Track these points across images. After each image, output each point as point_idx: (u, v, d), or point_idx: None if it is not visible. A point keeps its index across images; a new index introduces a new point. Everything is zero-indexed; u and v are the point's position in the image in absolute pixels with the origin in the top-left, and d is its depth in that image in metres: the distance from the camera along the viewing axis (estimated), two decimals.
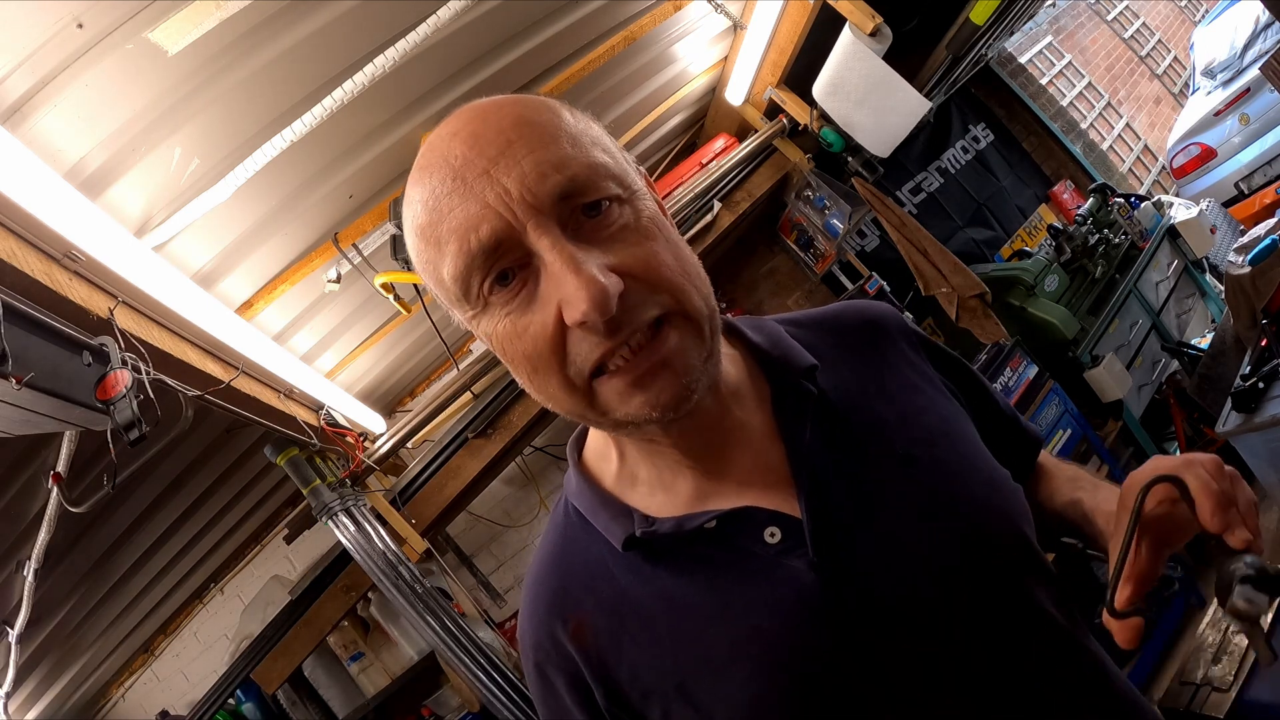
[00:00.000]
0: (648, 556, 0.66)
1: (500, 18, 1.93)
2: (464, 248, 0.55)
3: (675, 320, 0.57)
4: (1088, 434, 2.90)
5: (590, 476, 0.72)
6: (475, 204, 0.54)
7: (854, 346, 0.76)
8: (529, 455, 3.49)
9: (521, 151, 0.55)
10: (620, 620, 0.66)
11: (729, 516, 0.64)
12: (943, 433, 0.71)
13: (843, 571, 0.62)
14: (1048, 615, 0.66)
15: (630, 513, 0.67)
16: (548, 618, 0.69)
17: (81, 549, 2.36)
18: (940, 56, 3.07)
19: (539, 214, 0.54)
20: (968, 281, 3.03)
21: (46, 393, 1.16)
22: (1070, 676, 0.66)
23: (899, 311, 0.81)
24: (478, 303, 0.58)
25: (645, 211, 0.59)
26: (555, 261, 0.54)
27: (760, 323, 0.76)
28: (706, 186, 2.99)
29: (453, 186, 0.55)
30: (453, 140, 0.56)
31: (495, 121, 0.56)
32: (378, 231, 2.14)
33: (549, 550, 0.73)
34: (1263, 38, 4.64)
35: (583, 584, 0.69)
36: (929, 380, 0.76)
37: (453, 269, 0.56)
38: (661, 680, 0.64)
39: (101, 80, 1.29)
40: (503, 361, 0.62)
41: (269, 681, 2.58)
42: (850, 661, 0.61)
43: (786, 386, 0.69)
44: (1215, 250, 3.84)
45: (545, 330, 0.56)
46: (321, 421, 2.35)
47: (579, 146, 0.57)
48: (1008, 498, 0.69)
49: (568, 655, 0.67)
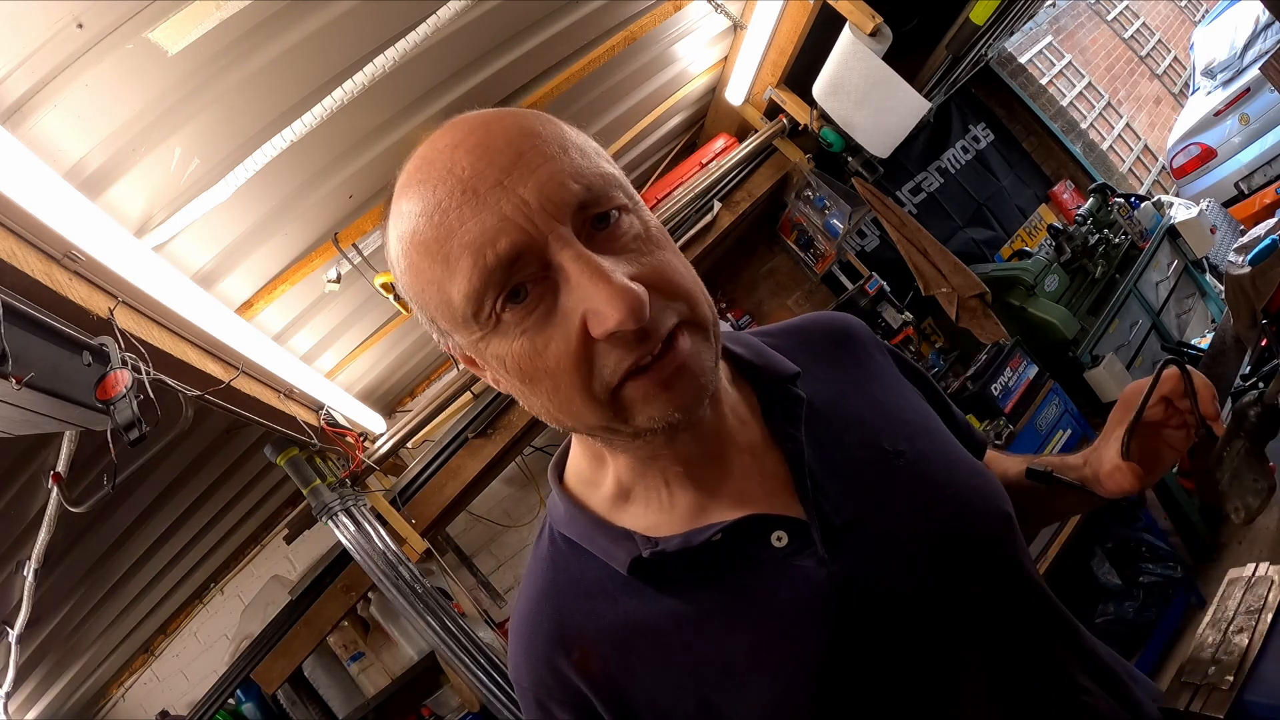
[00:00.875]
0: (652, 577, 0.65)
1: (500, 18, 1.93)
2: (480, 263, 0.52)
3: (689, 327, 0.57)
4: (1088, 434, 2.89)
5: (577, 501, 0.71)
6: (491, 216, 0.52)
7: (826, 352, 0.77)
8: (529, 455, 3.49)
9: (535, 162, 0.53)
10: (628, 645, 0.64)
11: (734, 527, 0.63)
12: (921, 427, 0.74)
13: (851, 566, 0.63)
14: (1036, 584, 0.72)
15: (630, 535, 0.66)
16: (548, 650, 0.66)
17: (81, 549, 2.36)
18: (940, 56, 3.07)
19: (559, 224, 0.53)
20: (968, 281, 3.03)
21: (46, 393, 1.16)
22: (1059, 633, 0.73)
23: (862, 320, 0.85)
24: (489, 322, 0.55)
25: (651, 221, 0.59)
26: (581, 273, 0.52)
27: (737, 336, 0.76)
28: (706, 186, 2.99)
29: (462, 199, 0.52)
30: (455, 151, 0.54)
31: (501, 133, 0.55)
32: (378, 231, 2.14)
33: (540, 582, 0.70)
34: (1263, 38, 4.64)
35: (583, 612, 0.66)
36: (898, 380, 0.79)
37: (466, 286, 0.53)
38: (681, 699, 0.63)
39: (101, 80, 1.29)
40: (507, 385, 0.60)
41: (269, 681, 2.58)
42: (867, 652, 0.62)
43: (775, 394, 0.70)
44: (1215, 250, 3.84)
45: (569, 345, 0.54)
46: (321, 421, 2.35)
47: (587, 157, 0.56)
48: (988, 482, 0.72)
49: (574, 688, 0.65)
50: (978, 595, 0.66)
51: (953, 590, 0.65)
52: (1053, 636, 0.72)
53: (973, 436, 0.87)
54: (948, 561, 0.65)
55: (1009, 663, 0.66)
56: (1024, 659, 0.68)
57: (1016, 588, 0.70)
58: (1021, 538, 0.73)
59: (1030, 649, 0.69)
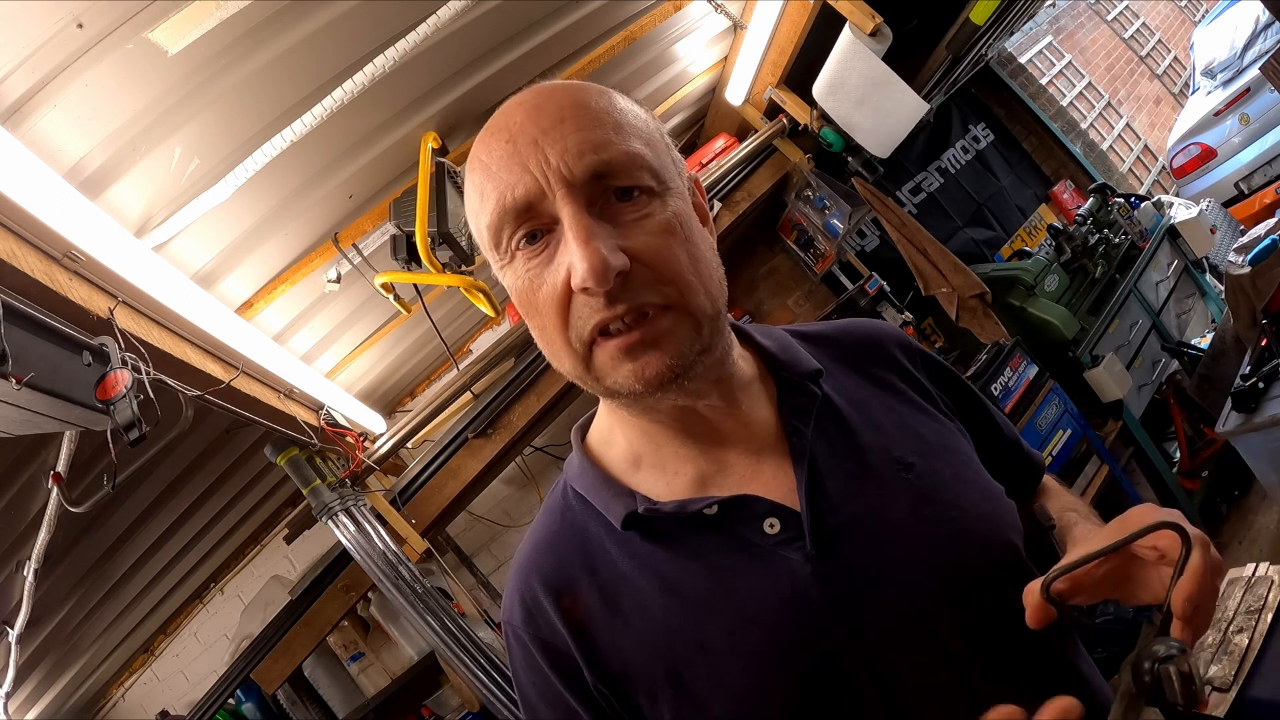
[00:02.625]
0: (646, 538, 0.67)
1: (500, 18, 1.93)
2: (500, 203, 0.61)
3: (674, 312, 0.61)
4: (1088, 434, 2.90)
5: (593, 458, 0.74)
6: (518, 167, 0.60)
7: (857, 360, 0.78)
8: (529, 455, 3.49)
9: (570, 129, 0.60)
10: (615, 601, 0.67)
11: (730, 503, 0.66)
12: (939, 445, 0.73)
13: (838, 566, 0.63)
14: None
15: (632, 494, 0.69)
16: (538, 592, 0.70)
17: (81, 549, 2.36)
18: (940, 56, 3.07)
19: (569, 186, 0.59)
20: (968, 281, 3.03)
21: (46, 393, 1.15)
22: (1055, 688, 0.64)
23: (900, 330, 0.84)
24: (506, 255, 0.64)
25: (673, 208, 0.63)
26: (570, 230, 0.59)
27: (769, 330, 0.79)
28: (706, 186, 2.99)
29: (505, 149, 0.61)
30: (517, 109, 0.63)
31: (556, 99, 0.63)
32: (378, 231, 2.14)
33: (544, 529, 0.74)
34: (1263, 38, 4.64)
35: (579, 562, 0.70)
36: (928, 396, 0.78)
37: (489, 219, 0.63)
38: (652, 665, 0.65)
39: (101, 80, 1.29)
40: (520, 314, 0.67)
41: (269, 681, 2.58)
42: (843, 654, 0.62)
43: (792, 387, 0.72)
44: (1215, 250, 3.84)
45: (555, 290, 0.61)
46: (321, 421, 2.35)
47: (622, 134, 0.62)
48: (999, 507, 0.71)
49: (557, 631, 0.68)
50: (966, 621, 0.64)
51: (938, 611, 0.63)
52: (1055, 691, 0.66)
53: (1023, 459, 0.86)
54: (939, 580, 0.64)
55: (987, 692, 0.61)
56: (1006, 693, 0.61)
57: (1013, 628, 0.63)
58: (1030, 569, 0.68)
59: (1023, 701, 0.63)
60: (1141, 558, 0.59)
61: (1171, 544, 0.56)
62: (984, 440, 0.79)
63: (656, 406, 0.67)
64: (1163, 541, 0.57)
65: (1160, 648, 0.52)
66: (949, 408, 0.79)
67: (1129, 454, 3.12)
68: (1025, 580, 0.63)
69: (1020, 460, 0.86)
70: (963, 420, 0.79)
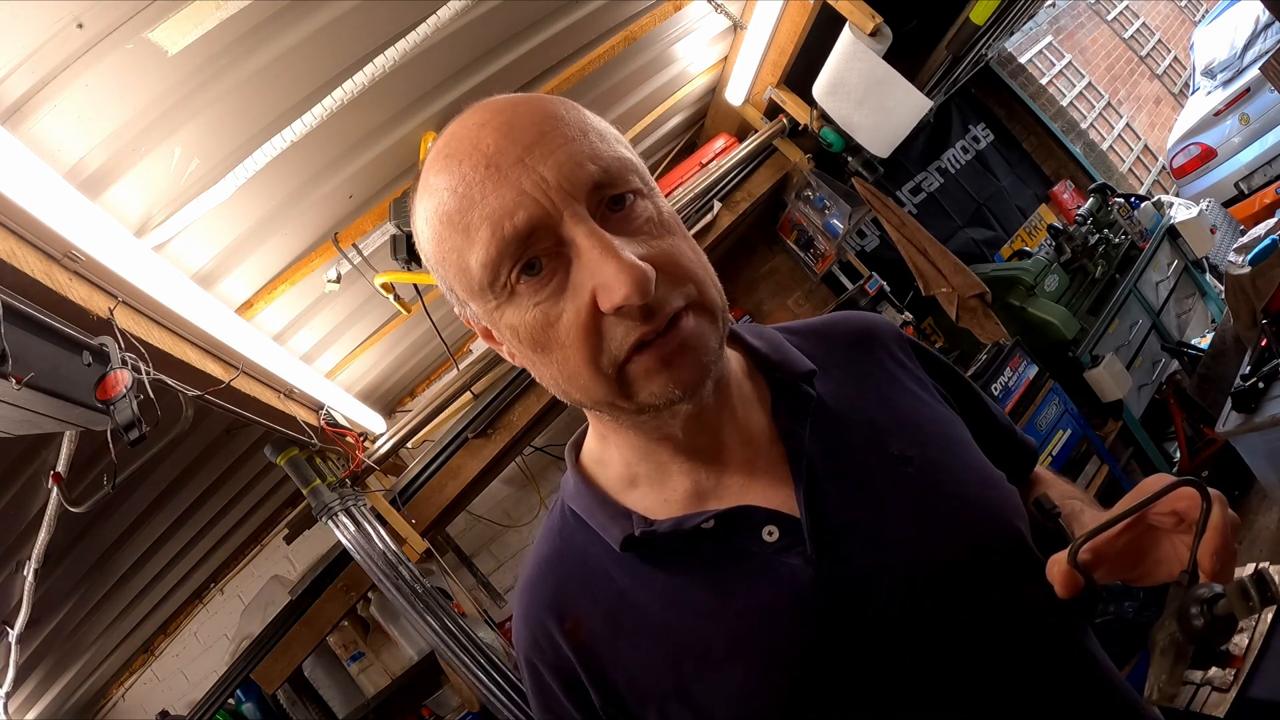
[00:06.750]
0: (645, 557, 0.66)
1: (500, 18, 1.93)
2: (497, 234, 0.55)
3: (695, 309, 0.59)
4: (1088, 434, 2.90)
5: (588, 478, 0.73)
6: (511, 191, 0.55)
7: (848, 353, 0.77)
8: (529, 455, 3.49)
9: (556, 142, 0.56)
10: (617, 621, 0.66)
11: (727, 516, 0.65)
12: (936, 434, 0.72)
13: (840, 569, 0.62)
14: (1044, 612, 0.66)
15: (629, 514, 0.67)
16: (543, 617, 0.69)
17: (81, 549, 2.36)
18: (940, 56, 3.07)
19: (575, 202, 0.55)
20: (968, 281, 3.03)
21: (46, 393, 1.15)
22: (1066, 673, 0.66)
23: (891, 321, 0.83)
24: (503, 292, 0.58)
25: (665, 208, 0.61)
26: (593, 249, 0.54)
27: (760, 329, 0.78)
28: (706, 186, 2.99)
29: (485, 174, 0.55)
30: (482, 130, 0.57)
31: (526, 114, 0.58)
32: (378, 231, 2.14)
33: (546, 551, 0.73)
34: (1263, 38, 4.64)
35: (580, 584, 0.69)
36: (922, 385, 0.77)
37: (483, 255, 0.56)
38: (659, 681, 0.64)
39: (101, 80, 1.29)
40: (519, 355, 0.62)
41: (269, 681, 2.58)
42: (847, 659, 0.61)
43: (786, 389, 0.71)
44: (1215, 250, 3.84)
45: (579, 317, 0.56)
46: (321, 421, 2.35)
47: (605, 141, 0.59)
48: (1003, 494, 0.70)
49: (563, 655, 0.68)
50: (974, 614, 0.63)
51: (944, 607, 0.63)
52: (1068, 681, 0.67)
53: (1016, 445, 0.86)
54: (944, 576, 0.63)
55: (1001, 686, 0.63)
56: (1025, 702, 0.63)
57: (1023, 616, 0.65)
58: (1037, 555, 0.67)
59: (1036, 693, 0.64)
60: (1158, 527, 0.59)
61: (1190, 506, 0.57)
62: (978, 428, 0.78)
63: (675, 415, 0.63)
64: (1180, 504, 0.57)
65: (1204, 590, 0.54)
66: (943, 396, 0.79)
67: (1129, 454, 3.12)
68: (1033, 568, 0.64)
69: (1014, 446, 0.85)
70: (956, 406, 0.78)
